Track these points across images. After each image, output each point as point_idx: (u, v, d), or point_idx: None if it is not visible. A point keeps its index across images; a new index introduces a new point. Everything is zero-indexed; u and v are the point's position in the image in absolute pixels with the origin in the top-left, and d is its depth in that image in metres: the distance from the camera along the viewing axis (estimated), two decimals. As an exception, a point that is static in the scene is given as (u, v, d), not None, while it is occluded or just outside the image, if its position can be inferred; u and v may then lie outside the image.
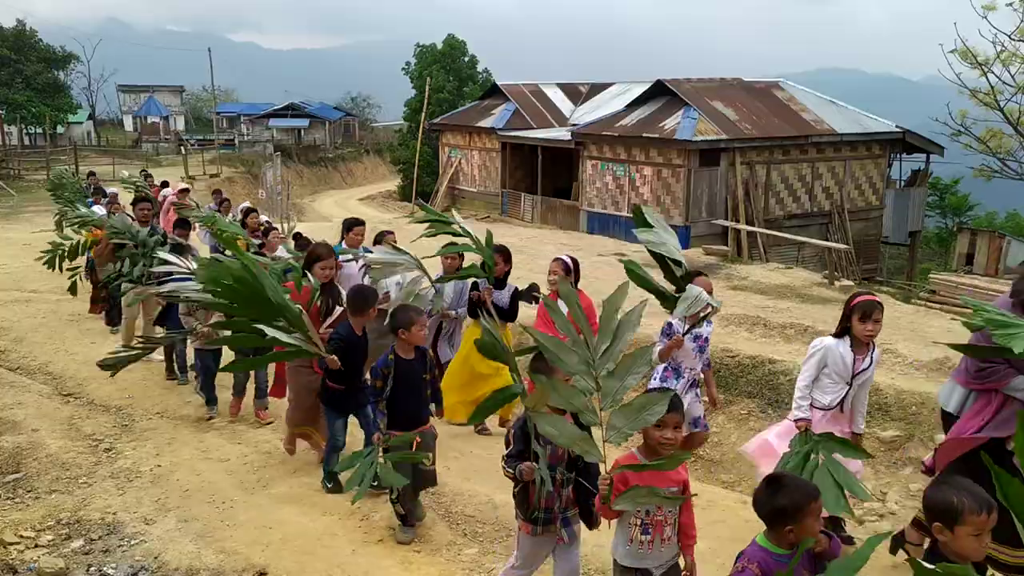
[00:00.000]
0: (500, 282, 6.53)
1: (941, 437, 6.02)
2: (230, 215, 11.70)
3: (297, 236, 9.38)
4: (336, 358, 4.96)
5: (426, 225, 6.09)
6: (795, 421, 4.53)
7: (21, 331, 9.86)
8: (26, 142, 48.95)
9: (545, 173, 26.30)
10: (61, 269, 9.58)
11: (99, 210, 11.30)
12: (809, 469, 3.61)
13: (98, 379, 8.17)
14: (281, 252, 8.01)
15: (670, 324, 5.42)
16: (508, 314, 6.57)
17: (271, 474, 5.81)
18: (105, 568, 4.44)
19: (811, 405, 4.58)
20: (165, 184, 15.70)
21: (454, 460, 6.03)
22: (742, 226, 19.92)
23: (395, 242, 7.08)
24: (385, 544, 4.77)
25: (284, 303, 4.40)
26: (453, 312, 6.93)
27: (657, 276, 4.09)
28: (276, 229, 9.90)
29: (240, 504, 5.29)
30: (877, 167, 23.64)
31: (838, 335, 4.55)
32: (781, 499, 2.74)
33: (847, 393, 4.55)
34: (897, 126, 23.35)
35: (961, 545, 2.66)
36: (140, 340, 7.64)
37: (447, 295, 6.75)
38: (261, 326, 4.25)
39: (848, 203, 22.85)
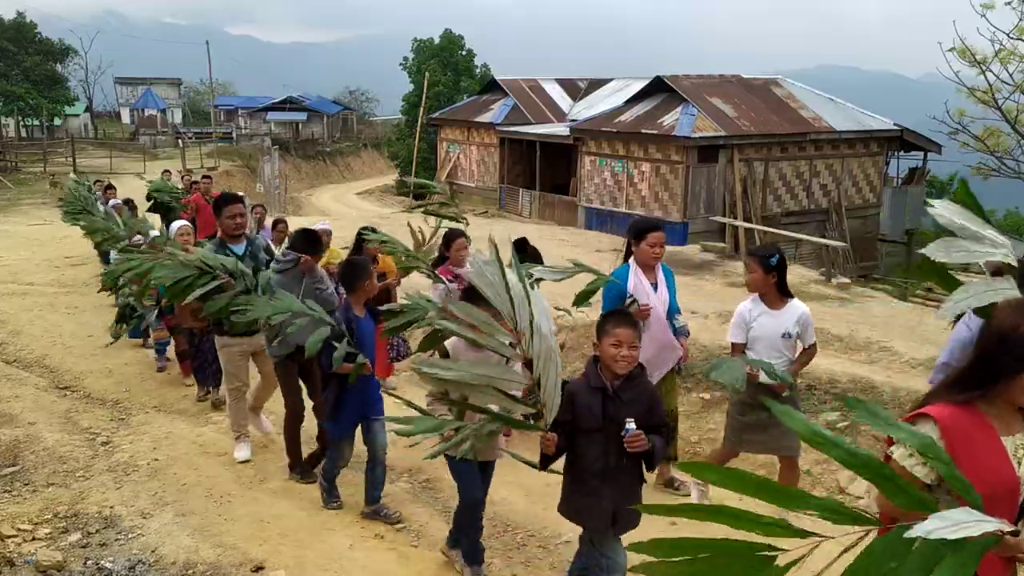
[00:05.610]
0: None
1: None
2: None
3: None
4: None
5: None
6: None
7: (18, 324, 9.85)
8: (23, 134, 48.83)
9: (543, 169, 26.28)
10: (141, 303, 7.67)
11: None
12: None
13: (95, 372, 8.20)
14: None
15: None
16: None
17: (269, 469, 5.81)
18: (102, 561, 4.44)
19: None
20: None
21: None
22: (740, 223, 19.91)
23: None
24: (383, 539, 4.77)
25: None
26: None
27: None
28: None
29: (238, 498, 5.29)
30: (875, 165, 23.66)
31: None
32: None
33: None
34: (895, 124, 23.35)
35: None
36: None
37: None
38: None
39: (845, 200, 22.86)
